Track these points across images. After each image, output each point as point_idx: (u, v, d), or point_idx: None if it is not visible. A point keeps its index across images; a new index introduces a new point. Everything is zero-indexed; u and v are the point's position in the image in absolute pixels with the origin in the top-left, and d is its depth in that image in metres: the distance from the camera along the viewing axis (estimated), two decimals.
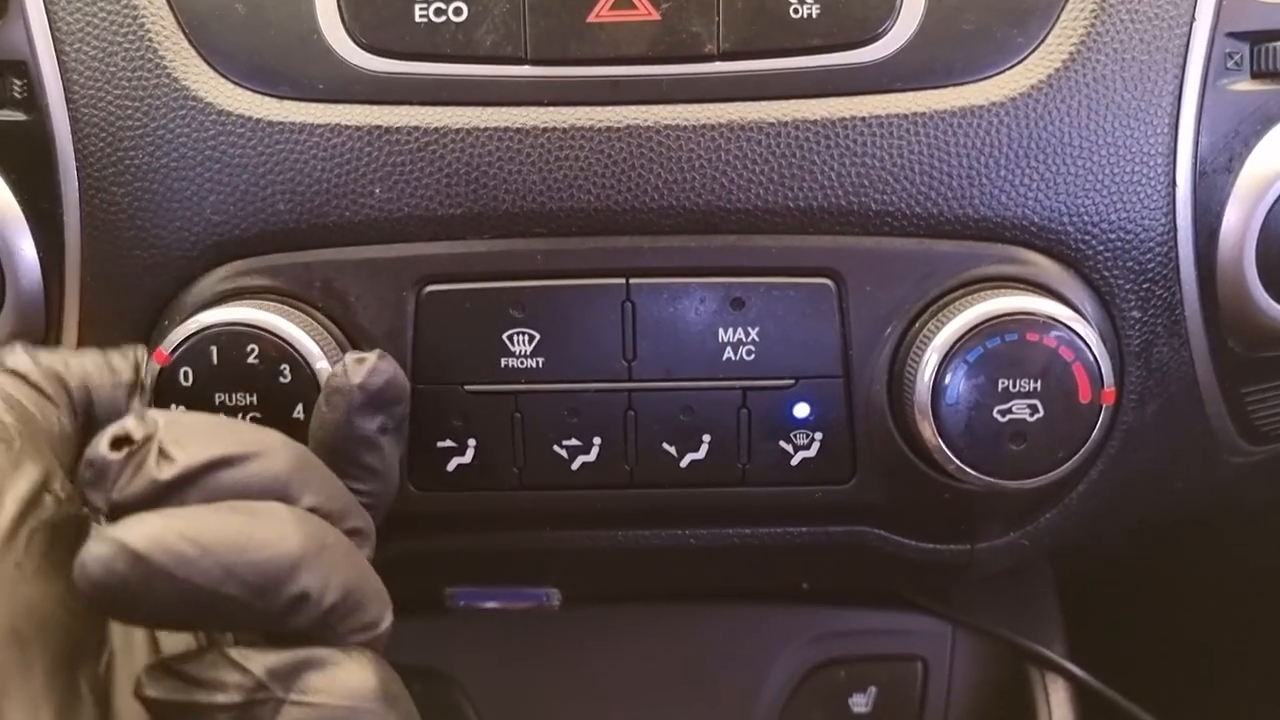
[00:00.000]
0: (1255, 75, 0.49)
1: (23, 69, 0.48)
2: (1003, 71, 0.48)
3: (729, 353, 0.49)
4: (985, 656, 0.71)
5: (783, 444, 0.50)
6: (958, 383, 0.46)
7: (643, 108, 0.47)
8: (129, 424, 0.35)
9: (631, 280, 0.48)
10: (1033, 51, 0.48)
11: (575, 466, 0.50)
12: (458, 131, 0.47)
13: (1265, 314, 0.49)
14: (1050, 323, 0.45)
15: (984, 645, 0.71)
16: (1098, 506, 0.54)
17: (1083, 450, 0.46)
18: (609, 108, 0.47)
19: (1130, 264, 0.49)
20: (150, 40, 0.47)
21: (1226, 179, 0.49)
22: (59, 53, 0.48)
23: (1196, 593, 0.75)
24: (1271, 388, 0.53)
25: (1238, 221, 0.49)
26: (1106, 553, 0.66)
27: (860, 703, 0.70)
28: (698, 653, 0.70)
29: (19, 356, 0.40)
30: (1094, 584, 0.75)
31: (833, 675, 0.70)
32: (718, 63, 0.47)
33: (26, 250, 0.48)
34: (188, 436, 0.35)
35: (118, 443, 0.34)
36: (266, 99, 0.47)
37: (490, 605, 0.58)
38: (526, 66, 0.47)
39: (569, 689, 0.70)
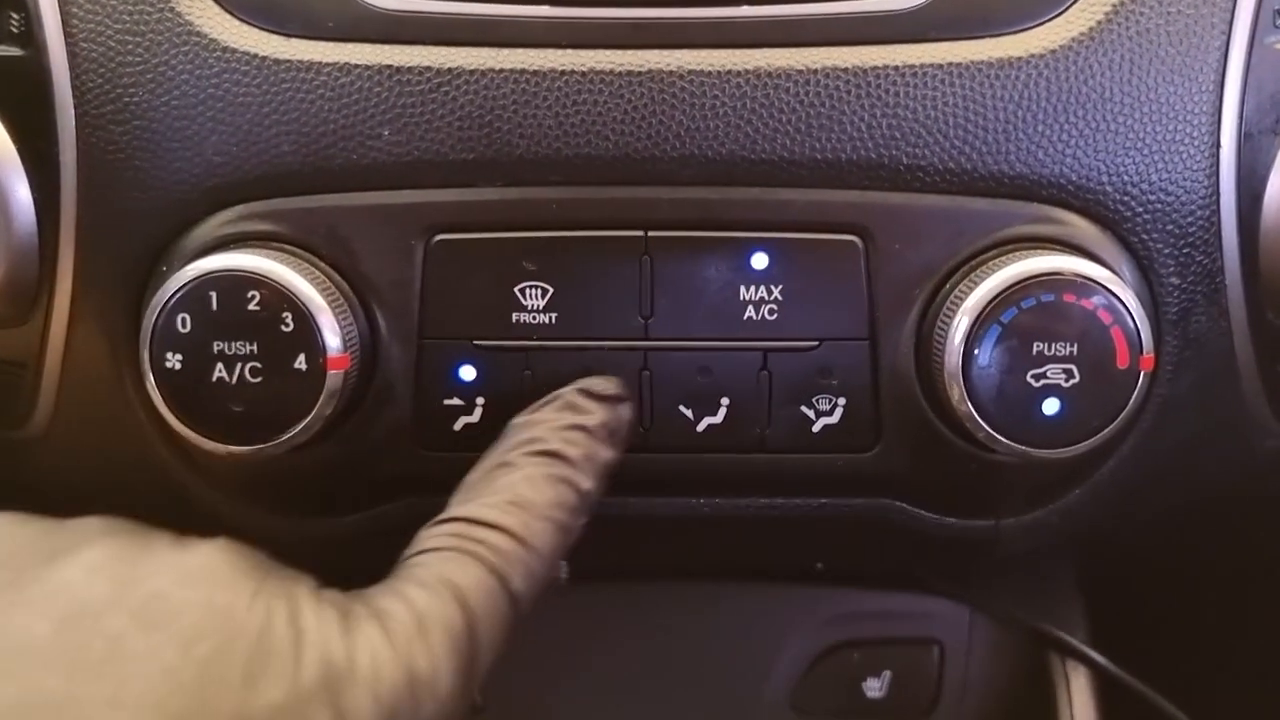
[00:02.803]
0: None
1: (20, 2, 0.46)
2: (1043, 23, 0.46)
3: (750, 312, 0.47)
4: (1004, 642, 0.69)
5: (804, 409, 0.48)
6: (990, 346, 0.44)
7: (665, 52, 0.45)
8: None
9: (650, 233, 0.46)
10: (1074, 3, 0.46)
11: None
12: (471, 73, 0.45)
13: None
14: (1089, 284, 0.43)
15: (1002, 630, 0.69)
16: (1127, 485, 0.52)
17: (1119, 419, 0.45)
18: (630, 51, 0.45)
19: (1170, 227, 0.47)
20: None
21: (1273, 141, 0.47)
22: None
23: (1220, 581, 0.74)
24: None
25: None
26: (1131, 538, 0.64)
27: (874, 687, 0.69)
28: (708, 633, 0.69)
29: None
30: (1116, 571, 0.73)
31: (846, 658, 0.68)
32: (745, 6, 0.46)
33: (20, 191, 0.46)
34: None
35: None
36: (273, 36, 0.45)
37: None
38: (545, 6, 0.45)
39: (575, 667, 0.69)
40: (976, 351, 0.44)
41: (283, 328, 0.43)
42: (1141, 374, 0.44)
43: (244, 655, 0.33)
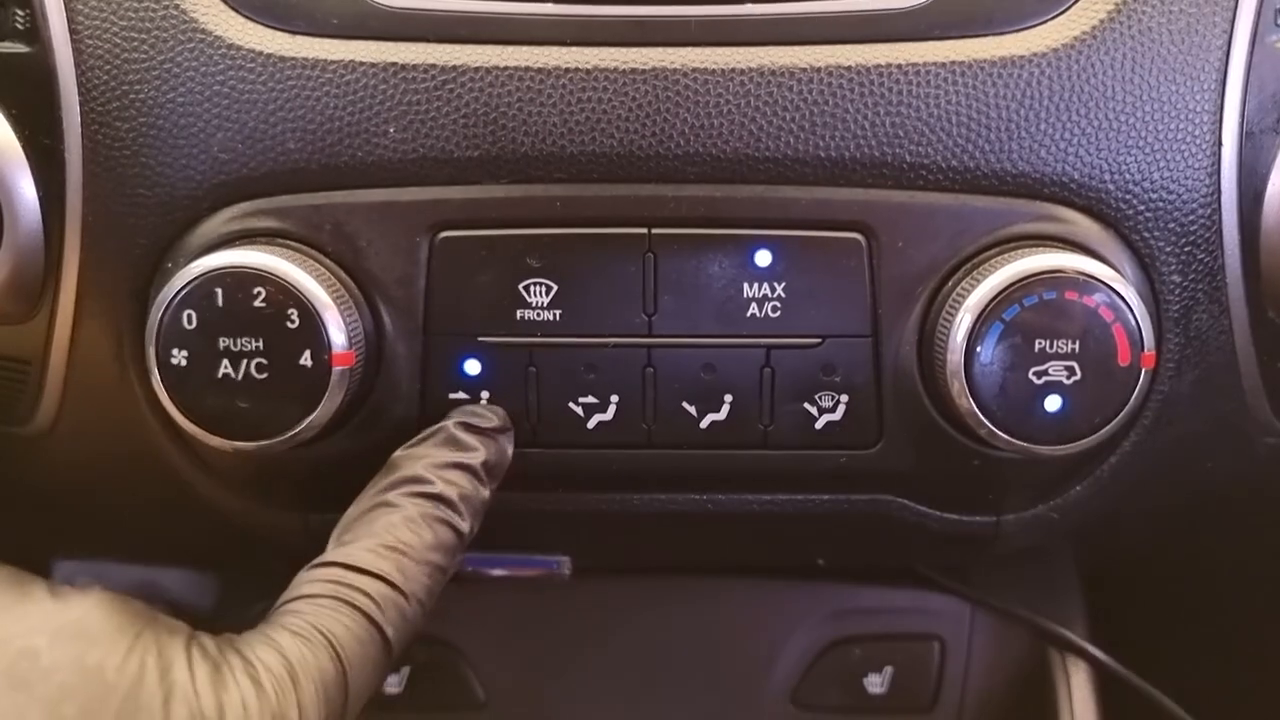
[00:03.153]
0: None
1: None
2: (1045, 21, 0.46)
3: (753, 309, 0.47)
4: (1004, 637, 0.70)
5: (807, 406, 0.48)
6: (992, 343, 0.44)
7: (669, 50, 0.45)
8: None
9: (654, 230, 0.46)
10: (1076, 1, 0.46)
11: (591, 425, 0.48)
12: (476, 70, 0.45)
13: None
14: (1091, 282, 0.44)
15: (1003, 626, 0.70)
16: (1128, 482, 0.53)
17: (1120, 415, 0.45)
18: (634, 49, 0.45)
19: (1172, 226, 0.47)
20: None
21: (1274, 140, 0.47)
22: None
23: (1220, 578, 0.74)
24: None
25: None
26: (1132, 534, 0.65)
27: (875, 683, 0.69)
28: (710, 628, 0.69)
29: None
30: (1116, 568, 0.74)
31: (848, 654, 0.69)
32: (749, 4, 0.46)
33: (25, 189, 0.46)
34: None
35: None
36: (278, 34, 0.45)
37: (498, 573, 0.56)
38: (549, 4, 0.45)
39: (577, 662, 0.69)
40: (979, 349, 0.44)
41: (288, 324, 0.43)
42: (1143, 371, 0.44)
43: (113, 712, 0.33)
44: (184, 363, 0.43)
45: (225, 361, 0.43)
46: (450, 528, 0.43)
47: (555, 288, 0.47)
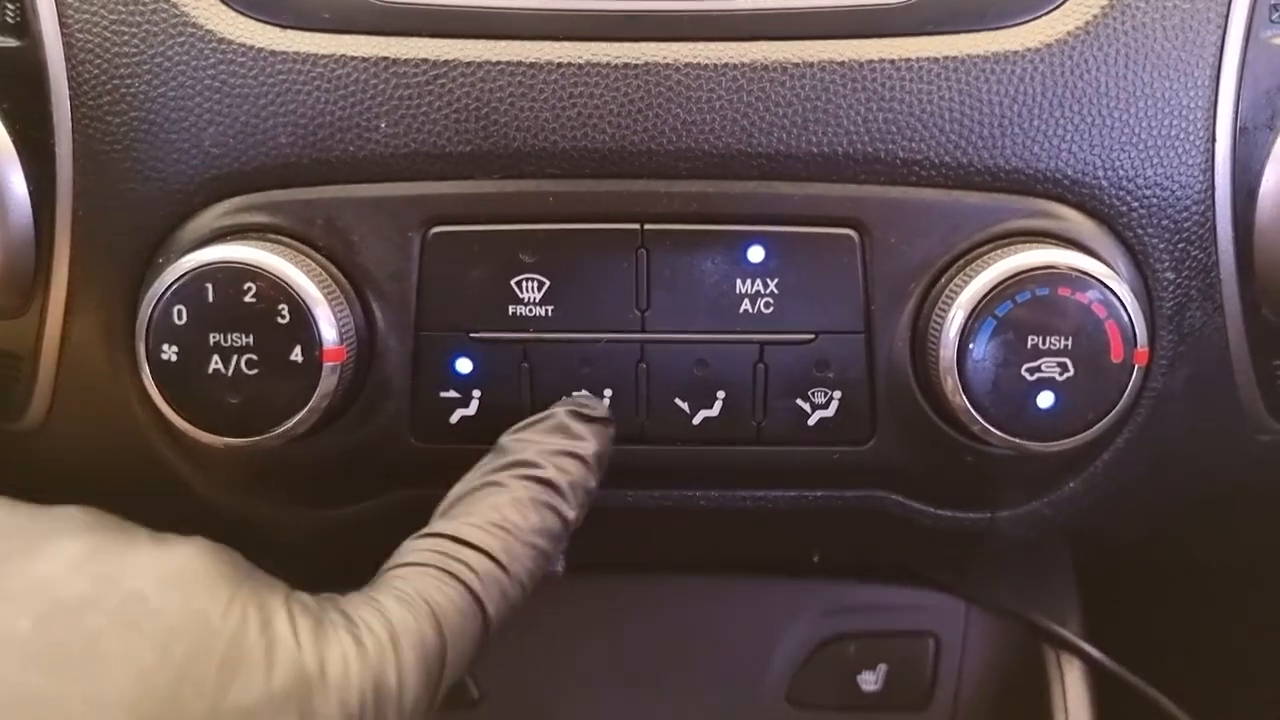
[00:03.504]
0: None
1: None
2: (1038, 17, 0.46)
3: (746, 305, 0.47)
4: (999, 635, 0.69)
5: (800, 402, 0.48)
6: (985, 339, 0.44)
7: (661, 44, 0.45)
8: None
9: (646, 226, 0.46)
10: None
11: None
12: (467, 65, 0.45)
13: None
14: (1084, 278, 0.44)
15: (998, 623, 0.70)
16: (1122, 478, 0.52)
17: (1113, 412, 0.45)
18: (626, 44, 0.45)
19: (1166, 222, 0.47)
20: None
21: (1268, 136, 0.47)
22: None
23: (1214, 574, 0.74)
24: None
25: (1278, 181, 0.47)
26: (1127, 531, 0.64)
27: (870, 680, 0.69)
28: (704, 625, 0.69)
29: None
30: (1112, 565, 0.73)
31: (842, 651, 0.69)
32: None
33: (16, 183, 0.46)
34: None
35: None
36: (269, 28, 0.45)
37: None
38: None
39: (571, 659, 0.69)
40: (971, 345, 0.44)
41: (279, 320, 0.43)
42: (1135, 368, 0.44)
43: (218, 659, 0.33)
44: (174, 358, 0.43)
45: (216, 357, 0.43)
46: (557, 514, 0.42)
47: (547, 283, 0.46)
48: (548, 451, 0.44)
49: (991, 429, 0.45)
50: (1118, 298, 0.44)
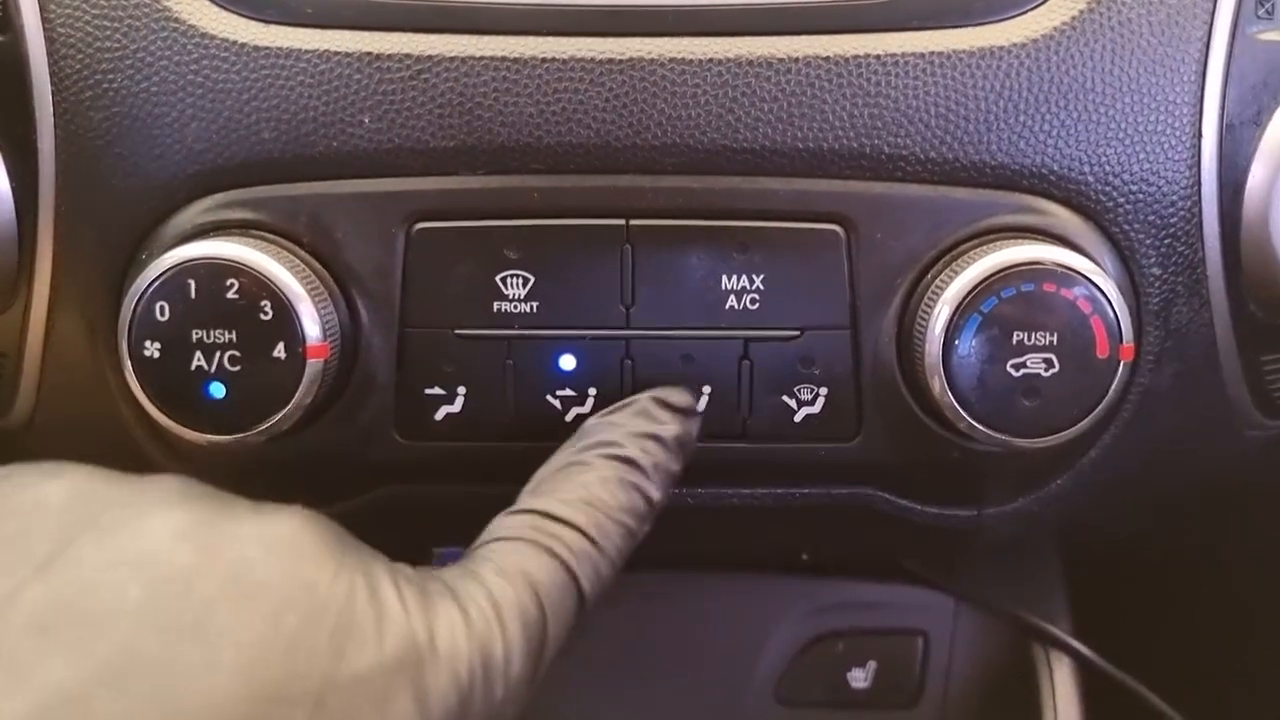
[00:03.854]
0: None
1: None
2: (1024, 12, 0.46)
3: (732, 301, 0.47)
4: (988, 632, 0.69)
5: (786, 398, 0.48)
6: (970, 335, 0.44)
7: (646, 39, 0.45)
8: None
9: (631, 222, 0.46)
10: None
11: (569, 418, 0.48)
12: (451, 60, 0.44)
13: None
14: (1069, 274, 0.43)
15: (987, 621, 0.70)
16: (1110, 475, 0.52)
17: (1098, 408, 0.45)
18: (610, 39, 0.45)
19: (1152, 218, 0.47)
20: None
21: (1254, 132, 0.47)
22: None
23: (1203, 571, 0.74)
24: None
25: (1264, 178, 0.47)
26: (1116, 528, 0.64)
27: (859, 677, 0.69)
28: (692, 623, 0.69)
29: None
30: (1100, 562, 0.74)
31: (831, 648, 0.68)
32: None
33: None
34: None
35: None
36: (251, 23, 0.45)
37: None
38: None
39: (559, 656, 0.68)
40: (957, 341, 0.44)
41: (262, 316, 0.43)
42: (1121, 364, 0.44)
43: (329, 628, 0.33)
44: (157, 355, 0.43)
45: (198, 354, 0.43)
46: (642, 494, 0.42)
47: (532, 279, 0.46)
48: (630, 433, 0.44)
49: (977, 425, 0.44)
50: (1103, 293, 0.44)
